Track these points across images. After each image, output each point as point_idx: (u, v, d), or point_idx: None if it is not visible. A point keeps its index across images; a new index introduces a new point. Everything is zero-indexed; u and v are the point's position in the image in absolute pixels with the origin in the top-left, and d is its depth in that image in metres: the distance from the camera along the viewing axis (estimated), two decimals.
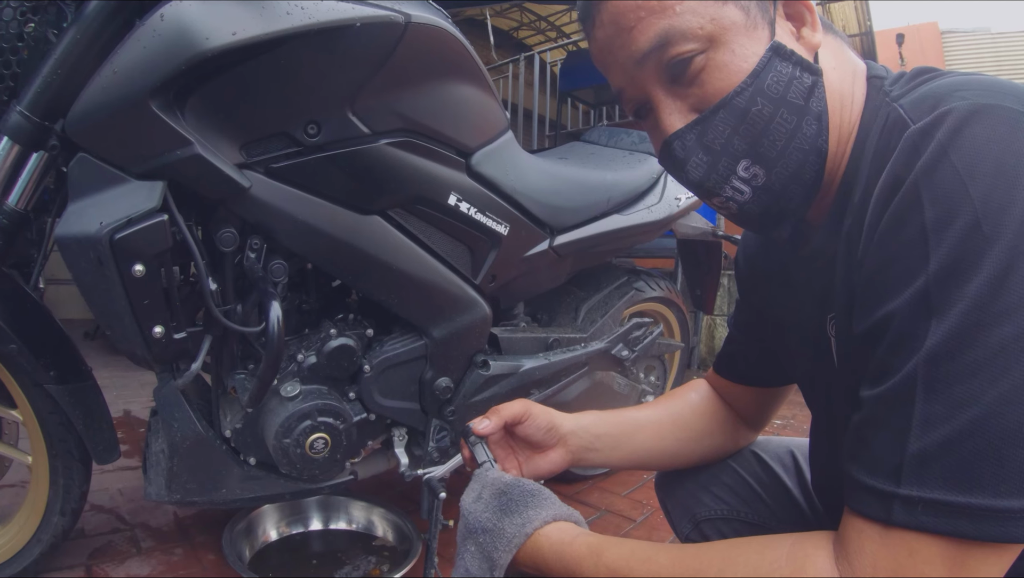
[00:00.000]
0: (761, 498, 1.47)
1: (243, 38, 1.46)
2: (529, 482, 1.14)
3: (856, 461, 0.80)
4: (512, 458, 1.37)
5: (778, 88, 0.91)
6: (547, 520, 1.06)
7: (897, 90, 0.92)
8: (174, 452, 1.84)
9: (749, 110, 0.92)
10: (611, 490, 3.01)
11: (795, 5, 0.96)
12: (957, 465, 0.70)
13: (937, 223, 0.73)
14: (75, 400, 1.80)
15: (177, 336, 1.61)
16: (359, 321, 2.02)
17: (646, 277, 2.95)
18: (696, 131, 0.96)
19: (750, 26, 0.92)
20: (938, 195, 0.73)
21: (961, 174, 0.72)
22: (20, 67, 1.60)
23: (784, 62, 0.92)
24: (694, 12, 0.90)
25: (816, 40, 0.96)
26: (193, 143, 1.50)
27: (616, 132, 2.95)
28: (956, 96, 0.78)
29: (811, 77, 0.93)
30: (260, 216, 1.65)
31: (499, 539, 1.05)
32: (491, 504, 1.10)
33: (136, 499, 2.63)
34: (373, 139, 1.70)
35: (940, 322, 0.72)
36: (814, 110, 0.93)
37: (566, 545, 1.02)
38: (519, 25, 12.90)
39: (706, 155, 0.96)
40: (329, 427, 1.83)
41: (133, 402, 4.05)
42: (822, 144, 0.94)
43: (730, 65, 0.91)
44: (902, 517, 0.72)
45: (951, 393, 0.71)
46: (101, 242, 1.44)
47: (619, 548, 0.99)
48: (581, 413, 1.44)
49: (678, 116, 0.97)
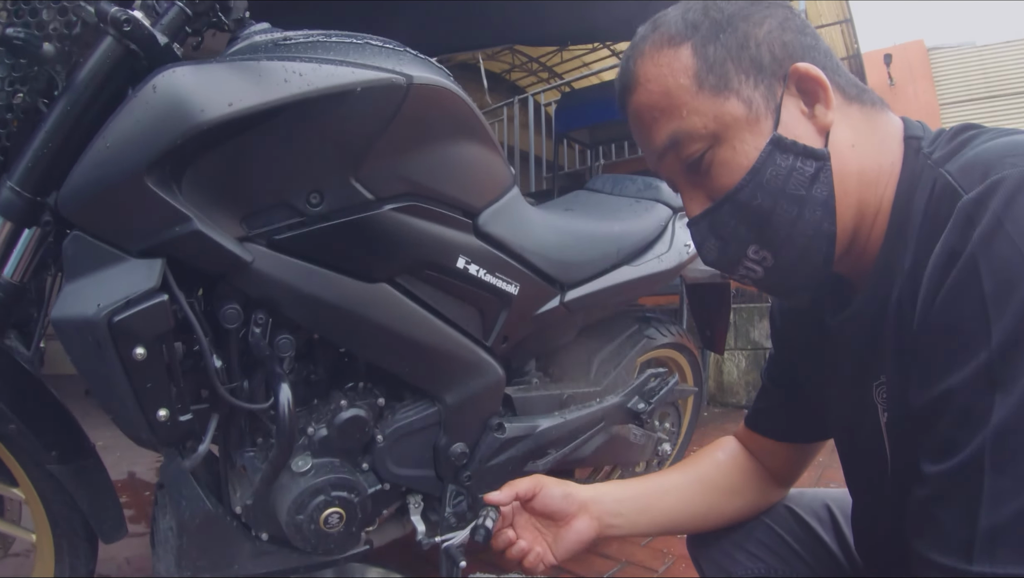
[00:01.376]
0: (798, 554, 1.44)
1: (240, 108, 1.41)
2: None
3: (925, 539, 0.80)
4: (540, 540, 1.36)
5: (778, 181, 0.96)
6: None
7: (938, 151, 0.92)
8: (183, 530, 1.78)
9: (751, 204, 0.97)
10: (631, 541, 2.95)
11: (808, 82, 0.97)
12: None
13: (997, 295, 0.72)
14: (79, 479, 1.75)
15: (183, 418, 1.56)
16: (369, 389, 1.97)
17: (656, 324, 2.92)
18: (707, 220, 1.04)
19: (752, 119, 0.97)
20: (997, 266, 0.73)
21: (1019, 244, 0.72)
22: (9, 140, 1.56)
23: (785, 154, 0.95)
24: (698, 112, 0.98)
25: (828, 120, 0.97)
26: (192, 219, 1.45)
27: (621, 179, 2.92)
28: (1006, 163, 0.78)
29: (815, 164, 0.95)
30: (263, 290, 1.61)
31: None
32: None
33: (144, 569, 2.59)
34: (378, 205, 1.66)
35: (1005, 396, 0.71)
36: (819, 197, 0.96)
37: None
38: (511, 67, 13.07)
39: (717, 240, 1.04)
40: (343, 501, 1.78)
41: (137, 464, 4.01)
42: (829, 227, 0.97)
43: (731, 162, 0.98)
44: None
45: (1020, 467, 0.70)
46: (99, 326, 1.39)
47: None
48: (600, 485, 1.44)
49: (696, 203, 1.05)
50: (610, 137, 9.14)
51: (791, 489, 1.53)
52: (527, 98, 9.49)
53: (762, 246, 1.01)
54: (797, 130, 0.96)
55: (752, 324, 5.73)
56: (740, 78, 0.97)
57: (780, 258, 1.01)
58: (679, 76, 0.98)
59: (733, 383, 5.84)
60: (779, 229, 0.98)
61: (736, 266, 1.05)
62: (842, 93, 1.00)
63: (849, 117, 0.99)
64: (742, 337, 5.79)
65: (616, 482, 1.46)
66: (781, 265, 1.01)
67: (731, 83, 0.96)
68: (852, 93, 1.01)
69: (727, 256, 1.04)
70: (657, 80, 1.00)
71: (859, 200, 0.97)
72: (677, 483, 1.45)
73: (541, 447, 2.24)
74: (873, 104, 1.03)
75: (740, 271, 1.06)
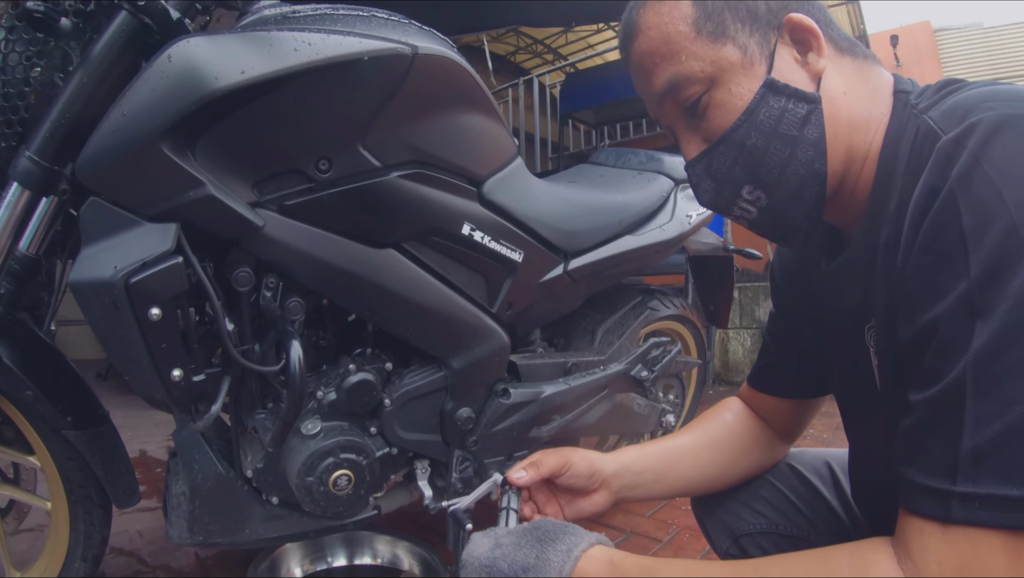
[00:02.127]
0: (800, 511, 1.48)
1: (252, 76, 1.45)
2: (549, 519, 1.16)
3: (910, 463, 0.83)
4: (553, 503, 1.38)
5: (770, 122, 1.00)
6: (592, 542, 1.07)
7: (924, 102, 0.96)
8: (195, 494, 1.82)
9: (745, 143, 1.02)
10: (635, 511, 2.99)
11: (801, 32, 1.02)
12: (1010, 460, 0.72)
13: (975, 228, 0.76)
14: (94, 445, 1.79)
15: (196, 379, 1.60)
16: (377, 355, 2.01)
17: (660, 296, 2.95)
18: (703, 162, 1.08)
19: (747, 64, 1.01)
20: (974, 202, 0.76)
21: (995, 181, 0.75)
22: (28, 112, 1.59)
23: (777, 96, 1.00)
24: (696, 57, 1.02)
25: (820, 66, 1.02)
26: (205, 184, 1.49)
27: (624, 152, 2.94)
28: (984, 107, 0.82)
29: (806, 106, 1.00)
30: (275, 254, 1.64)
31: (545, 569, 1.04)
32: (522, 542, 1.09)
33: (156, 540, 2.63)
34: (385, 172, 1.70)
35: (985, 323, 0.75)
36: (810, 137, 1.01)
37: (616, 566, 1.03)
38: (516, 49, 12.98)
39: (713, 182, 1.09)
40: (352, 463, 1.82)
41: (148, 442, 4.05)
42: (819, 167, 1.02)
43: (727, 104, 1.03)
44: (960, 514, 0.75)
45: (1000, 391, 0.73)
46: (116, 287, 1.43)
47: (672, 566, 1.01)
48: (622, 451, 1.45)
49: (693, 146, 1.10)
50: (614, 117, 9.11)
51: (793, 448, 1.57)
52: (532, 80, 9.43)
53: (756, 186, 1.05)
54: (790, 75, 1.01)
55: (757, 303, 5.74)
56: (736, 26, 1.01)
57: (773, 197, 1.05)
58: (678, 23, 1.03)
59: (739, 361, 5.86)
60: (772, 168, 1.03)
61: (731, 206, 1.10)
62: (834, 44, 1.04)
63: (841, 67, 1.04)
64: (747, 316, 5.81)
65: (636, 450, 1.47)
66: (774, 204, 1.06)
67: (728, 30, 1.01)
68: (844, 46, 1.06)
69: (723, 196, 1.09)
70: (658, 27, 1.05)
71: (848, 144, 1.01)
72: (689, 447, 1.48)
73: (546, 413, 2.28)
74: (865, 57, 1.07)
75: (735, 212, 1.10)
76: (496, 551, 1.10)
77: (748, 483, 1.53)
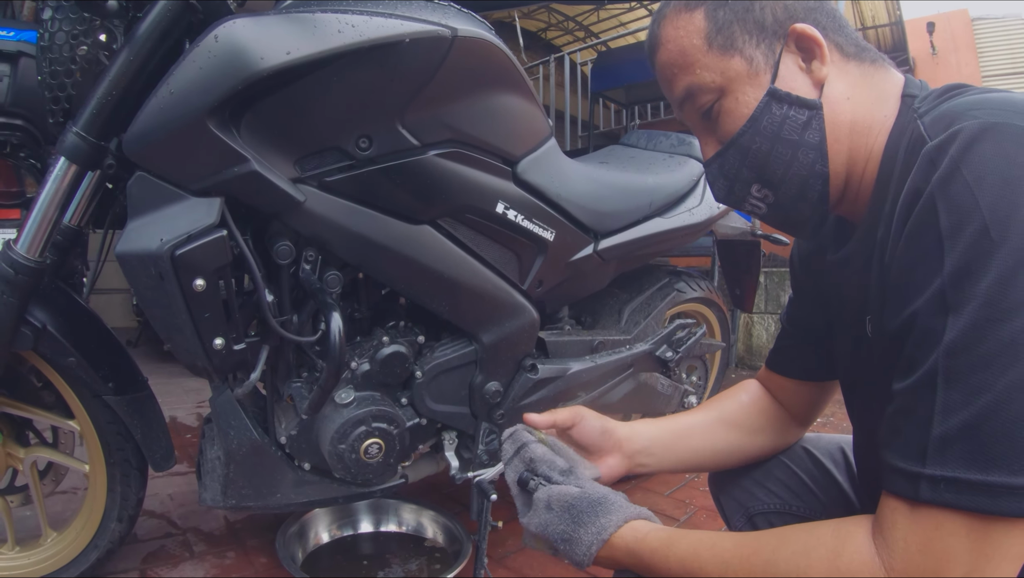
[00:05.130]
0: (812, 492, 1.51)
1: (297, 57, 1.49)
2: (595, 491, 1.19)
3: (889, 447, 0.89)
4: None
5: (773, 128, 1.08)
6: (619, 523, 1.12)
7: (924, 106, 1.01)
8: (230, 459, 1.88)
9: (751, 147, 1.10)
10: (654, 490, 3.03)
11: (805, 41, 1.08)
12: (975, 447, 0.77)
13: (951, 230, 0.81)
14: (133, 410, 1.85)
15: (237, 347, 1.66)
16: (410, 328, 2.05)
17: (687, 278, 2.96)
18: (717, 163, 1.16)
19: (752, 74, 1.08)
20: (951, 205, 0.82)
21: (971, 186, 0.81)
22: (75, 89, 1.63)
23: (779, 104, 1.07)
24: (708, 68, 1.10)
25: (823, 73, 1.08)
26: (249, 160, 1.54)
27: (655, 135, 2.95)
28: (969, 115, 0.87)
29: (807, 112, 1.07)
30: (315, 229, 1.69)
31: (577, 546, 1.12)
32: (563, 517, 1.15)
33: (187, 504, 2.68)
34: (422, 151, 1.74)
35: (956, 318, 0.80)
36: (811, 141, 1.07)
37: (640, 541, 1.10)
38: (547, 26, 12.85)
39: (726, 180, 1.17)
40: (383, 432, 1.86)
41: (178, 409, 4.12)
42: (821, 169, 1.08)
43: (735, 111, 1.10)
44: (928, 494, 0.80)
45: (968, 382, 0.78)
46: (162, 258, 1.48)
47: (688, 538, 1.06)
48: (636, 421, 1.50)
49: (709, 147, 1.18)
50: (645, 97, 9.02)
51: (808, 432, 1.60)
52: (563, 57, 9.34)
53: (763, 185, 1.13)
54: (794, 83, 1.07)
55: (782, 288, 5.73)
56: (744, 38, 1.08)
57: (780, 195, 1.13)
58: (692, 37, 1.10)
59: (762, 346, 5.85)
60: (776, 169, 1.10)
61: (743, 202, 1.18)
62: (839, 51, 1.09)
63: (846, 73, 1.09)
64: (772, 301, 5.80)
65: (647, 420, 1.53)
66: (781, 201, 1.13)
67: (736, 42, 1.08)
68: (851, 51, 1.10)
69: (734, 194, 1.18)
70: (675, 41, 1.13)
71: (850, 147, 1.08)
72: (702, 422, 1.52)
73: (572, 389, 2.32)
74: (873, 62, 1.11)
75: (747, 207, 1.18)
76: (548, 515, 1.17)
77: (763, 463, 1.56)
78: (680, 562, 1.04)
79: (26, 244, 1.60)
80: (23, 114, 2.12)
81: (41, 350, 1.72)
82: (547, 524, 1.17)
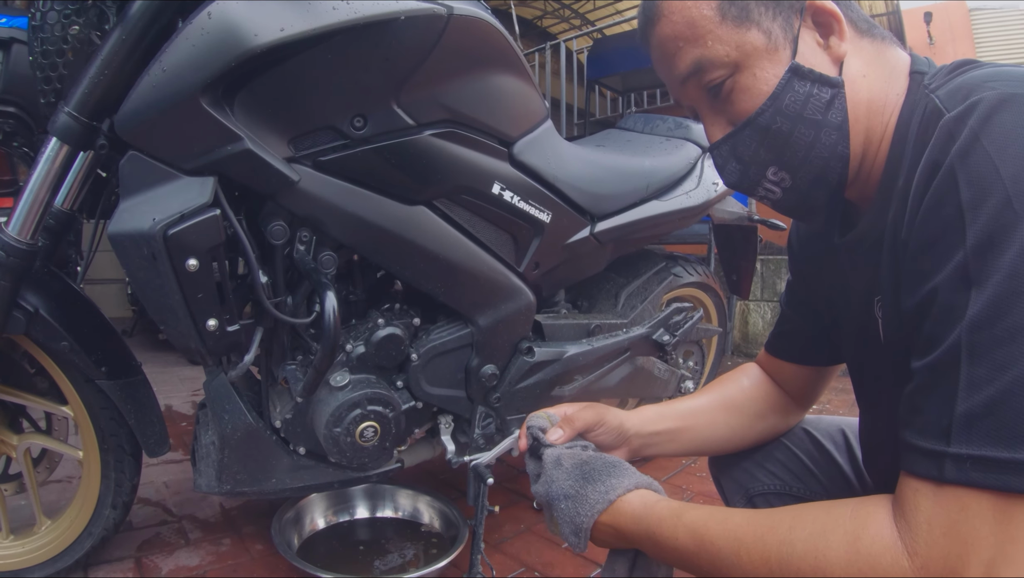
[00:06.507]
0: (813, 474, 1.52)
1: (291, 34, 1.47)
2: (608, 455, 1.21)
3: (909, 426, 0.86)
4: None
5: (795, 107, 1.03)
6: (629, 488, 1.12)
7: (935, 82, 0.98)
8: (225, 444, 1.87)
9: (771, 127, 1.05)
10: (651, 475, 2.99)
11: (823, 15, 1.04)
12: (1001, 423, 0.74)
13: (972, 202, 0.79)
14: (127, 395, 1.84)
15: (230, 329, 1.64)
16: (405, 310, 2.04)
17: (683, 262, 2.96)
18: (729, 144, 1.11)
19: (771, 48, 1.03)
20: (972, 177, 0.80)
21: (993, 157, 0.78)
22: (66, 69, 1.61)
23: (802, 81, 1.02)
24: (721, 41, 1.03)
25: (842, 50, 1.04)
26: (243, 138, 1.52)
27: (652, 119, 2.94)
28: (986, 87, 0.85)
29: (830, 91, 1.02)
30: (309, 209, 1.67)
31: (582, 505, 1.12)
32: (572, 473, 1.16)
33: (182, 492, 2.68)
34: (418, 130, 1.72)
35: (980, 292, 0.77)
36: (833, 121, 1.03)
37: (648, 508, 1.09)
38: (543, 14, 12.88)
39: (738, 164, 1.11)
40: (378, 415, 1.85)
41: (173, 397, 4.12)
42: (843, 150, 1.05)
43: (752, 88, 1.04)
44: (953, 474, 0.77)
45: (993, 357, 0.76)
46: (155, 238, 1.46)
47: (697, 510, 1.04)
48: (641, 410, 1.50)
49: (718, 128, 1.12)
50: (642, 84, 9.00)
51: (809, 415, 1.60)
52: (559, 45, 9.31)
53: (781, 168, 1.08)
54: (813, 60, 1.03)
55: (779, 276, 5.72)
56: (760, 10, 1.02)
57: (798, 179, 1.08)
58: (703, 7, 1.04)
59: (758, 333, 5.86)
60: (797, 151, 1.05)
61: (756, 187, 1.13)
62: (854, 27, 1.06)
63: (861, 49, 1.06)
64: (768, 288, 5.80)
65: (655, 409, 1.51)
66: (798, 186, 1.09)
67: (752, 15, 1.02)
68: (863, 28, 1.08)
69: (748, 178, 1.12)
70: (681, 12, 1.06)
71: (867, 127, 1.04)
72: (705, 408, 1.52)
73: (568, 372, 2.31)
74: (883, 39, 1.09)
75: (760, 192, 1.13)
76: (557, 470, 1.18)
77: (764, 445, 1.57)
78: (690, 533, 1.02)
79: (17, 226, 1.58)
80: (15, 101, 2.11)
81: (34, 334, 1.71)
82: (552, 480, 1.17)
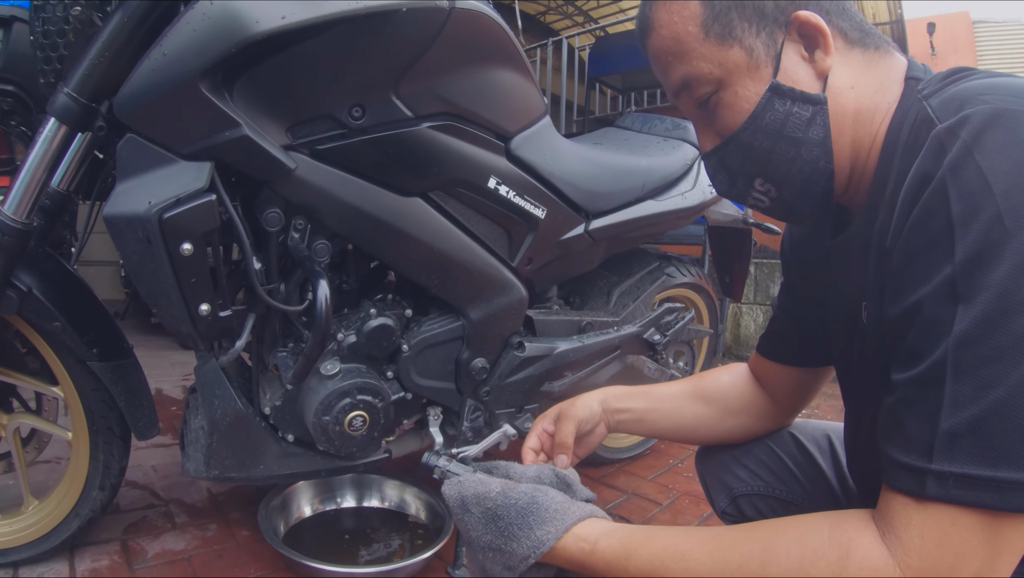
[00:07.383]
0: (795, 476, 1.52)
1: (292, 22, 1.48)
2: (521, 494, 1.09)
3: (891, 440, 0.86)
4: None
5: (775, 125, 1.04)
6: (558, 535, 1.03)
7: (929, 88, 0.98)
8: (214, 429, 1.87)
9: (752, 144, 1.07)
10: (638, 474, 3.04)
11: (809, 28, 1.02)
12: (984, 442, 0.75)
13: (963, 216, 0.78)
14: (117, 377, 1.84)
15: (223, 314, 1.65)
16: (398, 301, 2.05)
17: (677, 263, 2.96)
18: (717, 156, 1.13)
19: (753, 66, 1.04)
20: (963, 191, 0.79)
21: (985, 173, 0.78)
22: (67, 50, 1.61)
23: (782, 100, 1.03)
24: (705, 59, 1.05)
25: (827, 64, 1.03)
26: (241, 124, 1.53)
27: (650, 119, 2.94)
28: (981, 99, 0.84)
29: (811, 108, 1.03)
30: (305, 197, 1.68)
31: (511, 558, 1.04)
32: (489, 528, 1.07)
33: (170, 476, 2.67)
34: (416, 122, 1.73)
35: (967, 309, 0.77)
36: (814, 138, 1.04)
37: (588, 555, 1.02)
38: (546, 10, 12.85)
39: (727, 174, 1.14)
40: (368, 405, 1.86)
41: (164, 381, 4.10)
42: (825, 165, 1.05)
43: (734, 106, 1.06)
44: (935, 491, 0.77)
45: (978, 375, 0.76)
46: (150, 221, 1.47)
47: (649, 547, 0.98)
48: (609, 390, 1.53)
49: (707, 139, 1.15)
50: (642, 84, 9.00)
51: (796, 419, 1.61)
52: (561, 41, 9.30)
53: (766, 180, 1.10)
54: (796, 75, 1.03)
55: (772, 279, 5.72)
56: (743, 26, 1.03)
57: (783, 191, 1.10)
58: (687, 24, 1.05)
59: (750, 336, 5.85)
60: (779, 167, 1.07)
61: (745, 196, 1.15)
62: (843, 37, 1.05)
63: (849, 60, 1.05)
64: (761, 292, 5.80)
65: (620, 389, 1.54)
66: (784, 197, 1.11)
67: (735, 31, 1.03)
68: (854, 37, 1.06)
69: (736, 188, 1.15)
70: (668, 27, 1.07)
71: (854, 138, 1.04)
72: (675, 396, 1.53)
73: (558, 368, 2.32)
74: (877, 47, 1.08)
75: (750, 201, 1.15)
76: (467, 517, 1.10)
77: (750, 446, 1.57)
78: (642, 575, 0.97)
79: (13, 205, 1.58)
80: (15, 80, 2.11)
81: (26, 314, 1.71)
82: (467, 526, 1.10)
